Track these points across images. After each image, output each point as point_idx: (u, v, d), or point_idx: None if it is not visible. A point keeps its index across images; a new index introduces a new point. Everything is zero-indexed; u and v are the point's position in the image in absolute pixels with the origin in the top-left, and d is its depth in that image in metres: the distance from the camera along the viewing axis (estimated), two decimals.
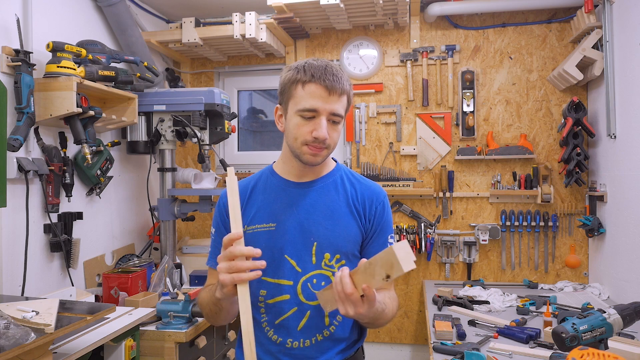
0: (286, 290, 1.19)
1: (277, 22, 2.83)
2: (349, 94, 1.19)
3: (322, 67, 1.15)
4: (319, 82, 1.12)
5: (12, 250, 1.98)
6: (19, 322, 1.34)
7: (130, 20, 2.63)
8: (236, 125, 3.11)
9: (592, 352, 1.17)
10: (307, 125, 1.14)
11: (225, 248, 1.01)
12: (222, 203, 1.27)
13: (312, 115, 1.14)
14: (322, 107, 1.13)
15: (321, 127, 1.13)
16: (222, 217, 1.26)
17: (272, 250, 1.19)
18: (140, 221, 2.95)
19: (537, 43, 2.94)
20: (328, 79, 1.12)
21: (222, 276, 0.99)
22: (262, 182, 1.28)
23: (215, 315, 1.20)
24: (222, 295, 1.04)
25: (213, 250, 1.27)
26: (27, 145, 2.05)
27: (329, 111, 1.14)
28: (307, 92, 1.13)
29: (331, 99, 1.13)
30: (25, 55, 1.95)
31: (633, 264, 2.32)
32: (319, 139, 1.13)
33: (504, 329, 2.00)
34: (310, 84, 1.13)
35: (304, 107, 1.13)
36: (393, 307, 1.22)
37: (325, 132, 1.13)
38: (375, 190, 1.28)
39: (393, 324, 3.13)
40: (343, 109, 1.17)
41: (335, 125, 1.17)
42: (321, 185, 1.25)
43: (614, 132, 2.49)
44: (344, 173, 1.30)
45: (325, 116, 1.14)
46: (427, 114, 3.05)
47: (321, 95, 1.13)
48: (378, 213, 1.26)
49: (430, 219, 3.05)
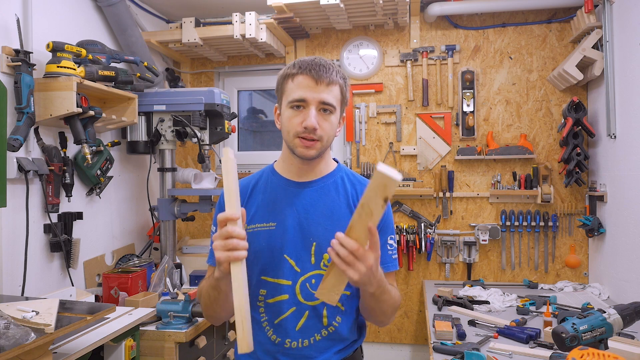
0: (285, 290, 1.19)
1: (277, 22, 2.83)
2: (342, 86, 1.19)
3: (310, 60, 1.17)
4: (306, 72, 1.15)
5: (12, 250, 1.98)
6: (19, 322, 1.34)
7: (130, 20, 2.63)
8: (236, 125, 3.11)
9: (592, 352, 1.17)
10: (298, 116, 1.16)
11: (221, 227, 1.00)
12: (223, 202, 1.26)
13: (301, 105, 1.15)
14: (310, 96, 1.14)
15: (309, 117, 1.14)
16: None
17: (271, 249, 1.19)
18: (140, 221, 2.95)
19: (537, 43, 2.94)
20: (314, 69, 1.15)
21: (217, 254, 0.99)
22: (263, 181, 1.28)
23: (214, 303, 1.18)
24: (220, 274, 1.04)
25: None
26: (27, 145, 2.05)
27: (317, 100, 1.14)
28: (295, 84, 1.16)
29: (319, 88, 1.14)
30: (25, 55, 1.95)
31: (633, 264, 2.32)
32: (308, 128, 1.14)
33: (504, 329, 2.00)
34: (299, 75, 1.16)
35: (293, 98, 1.16)
36: (396, 296, 1.22)
37: (313, 121, 1.13)
38: None
39: (393, 324, 3.13)
40: (334, 99, 1.17)
41: (326, 115, 1.17)
42: (322, 185, 1.25)
43: (614, 132, 2.49)
44: (345, 174, 1.30)
45: (315, 106, 1.15)
46: (427, 114, 3.05)
47: (309, 85, 1.15)
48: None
49: (430, 219, 3.05)
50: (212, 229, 1.28)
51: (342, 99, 1.20)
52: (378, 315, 1.21)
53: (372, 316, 1.24)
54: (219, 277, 1.06)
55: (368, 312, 1.22)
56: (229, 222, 0.99)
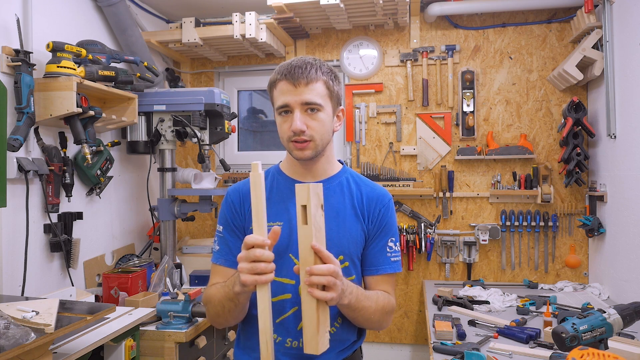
0: (288, 289, 1.19)
1: (277, 22, 2.83)
2: (326, 80, 1.19)
3: (288, 63, 1.18)
4: (285, 78, 1.17)
5: (12, 250, 1.98)
6: (19, 322, 1.34)
7: (130, 20, 2.63)
8: (236, 125, 3.11)
9: (592, 352, 1.17)
10: (286, 122, 1.18)
11: (247, 248, 1.00)
12: (230, 200, 1.27)
13: (286, 110, 1.17)
14: (292, 99, 1.16)
15: (294, 120, 1.15)
16: (232, 214, 1.26)
17: (277, 248, 1.19)
18: (140, 221, 2.95)
19: (537, 43, 2.94)
20: (290, 73, 1.16)
21: (244, 276, 0.99)
22: (269, 180, 1.29)
23: (227, 314, 1.18)
24: (240, 290, 1.05)
25: (222, 247, 1.26)
26: (27, 145, 2.05)
27: (299, 102, 1.16)
28: (278, 91, 1.18)
29: (298, 90, 1.15)
30: (25, 55, 1.95)
31: (633, 264, 2.31)
32: (295, 131, 1.15)
33: (504, 329, 2.00)
34: (279, 82, 1.18)
35: (278, 105, 1.19)
36: (383, 301, 1.21)
37: (298, 124, 1.14)
38: (381, 193, 1.29)
39: (393, 324, 3.13)
40: (318, 96, 1.17)
41: (314, 114, 1.17)
42: (327, 186, 1.26)
43: (614, 132, 2.49)
44: (350, 175, 1.31)
45: (298, 108, 1.16)
46: (427, 114, 3.05)
47: (289, 89, 1.16)
48: (381, 215, 1.26)
49: (430, 219, 3.05)
50: (219, 228, 1.27)
51: (329, 93, 1.20)
52: (362, 323, 1.21)
53: (358, 324, 1.23)
54: (239, 292, 1.06)
55: (352, 321, 1.22)
56: (257, 246, 1.00)
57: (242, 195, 1.26)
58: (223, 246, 1.26)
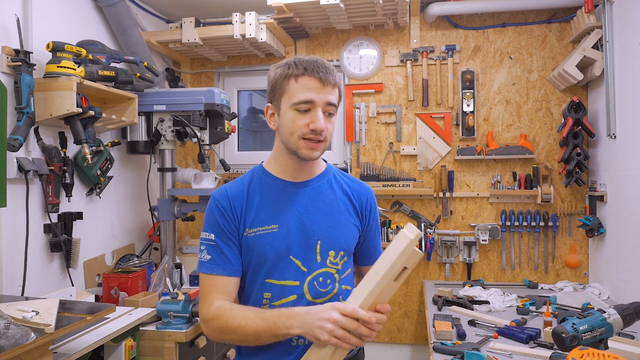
0: (293, 291, 1.19)
1: (277, 22, 2.83)
2: (340, 87, 1.21)
3: (312, 61, 1.17)
4: (313, 74, 1.14)
5: (12, 250, 1.98)
6: (19, 322, 1.34)
7: (130, 20, 2.63)
8: (236, 125, 3.11)
9: (592, 352, 1.17)
10: (303, 118, 1.15)
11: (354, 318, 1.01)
12: (220, 206, 1.21)
13: (307, 107, 1.14)
14: (318, 97, 1.14)
15: (318, 119, 1.14)
16: (225, 220, 1.20)
17: (276, 252, 1.19)
18: (140, 221, 2.95)
19: (537, 43, 2.94)
20: (321, 71, 1.15)
21: (327, 335, 1.01)
22: (256, 182, 1.25)
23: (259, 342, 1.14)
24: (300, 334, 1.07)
25: (217, 257, 1.20)
26: (27, 145, 2.05)
27: (324, 102, 1.15)
28: (301, 85, 1.14)
29: (325, 89, 1.15)
30: (25, 55, 1.95)
31: (633, 264, 2.31)
32: (317, 130, 1.14)
33: (504, 329, 2.00)
34: (304, 77, 1.14)
35: (299, 100, 1.14)
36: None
37: (322, 123, 1.14)
38: (367, 188, 1.35)
39: (393, 324, 3.13)
40: (336, 100, 1.19)
41: (330, 117, 1.18)
42: (318, 184, 1.26)
43: (614, 132, 2.49)
44: (335, 172, 1.33)
45: (321, 107, 1.15)
46: (427, 114, 3.05)
47: (315, 86, 1.14)
48: (373, 210, 1.33)
49: (430, 219, 3.05)
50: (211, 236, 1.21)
51: (339, 100, 1.22)
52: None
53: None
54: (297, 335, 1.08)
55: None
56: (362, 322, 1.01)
57: (230, 199, 1.21)
58: (217, 255, 1.20)
